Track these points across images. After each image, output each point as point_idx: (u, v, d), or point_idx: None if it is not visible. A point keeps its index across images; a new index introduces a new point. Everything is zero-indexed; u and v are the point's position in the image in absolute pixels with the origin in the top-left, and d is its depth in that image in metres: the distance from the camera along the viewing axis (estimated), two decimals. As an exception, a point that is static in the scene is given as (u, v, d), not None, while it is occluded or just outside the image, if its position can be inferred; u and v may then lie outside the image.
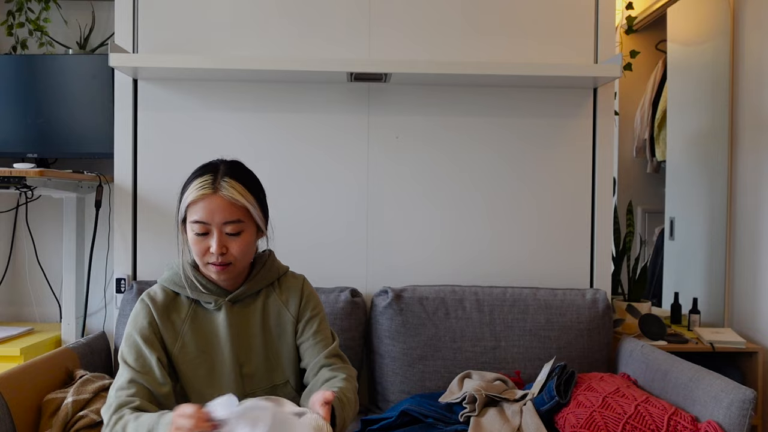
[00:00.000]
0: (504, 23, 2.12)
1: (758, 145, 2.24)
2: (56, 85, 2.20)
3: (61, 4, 2.37)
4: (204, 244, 1.28)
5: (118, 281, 2.08)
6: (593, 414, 1.55)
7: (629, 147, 3.13)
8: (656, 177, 3.04)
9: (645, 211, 3.10)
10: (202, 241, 1.28)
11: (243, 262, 1.32)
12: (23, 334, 2.15)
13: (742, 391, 1.47)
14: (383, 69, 1.93)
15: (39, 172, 1.87)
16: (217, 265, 1.28)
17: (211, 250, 1.27)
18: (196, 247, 1.29)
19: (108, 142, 2.12)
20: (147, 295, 1.35)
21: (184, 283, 1.34)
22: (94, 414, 1.55)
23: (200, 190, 1.26)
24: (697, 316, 2.34)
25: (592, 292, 2.03)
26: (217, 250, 1.26)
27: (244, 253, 1.30)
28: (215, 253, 1.26)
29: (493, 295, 2.00)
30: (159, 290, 1.37)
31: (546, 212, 2.14)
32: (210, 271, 1.31)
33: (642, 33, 2.98)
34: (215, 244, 1.26)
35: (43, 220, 2.39)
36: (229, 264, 1.29)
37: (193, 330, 1.34)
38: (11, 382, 1.51)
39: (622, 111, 3.06)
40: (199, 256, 1.29)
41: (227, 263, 1.29)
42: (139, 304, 1.35)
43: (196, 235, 1.28)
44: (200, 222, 1.27)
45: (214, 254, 1.27)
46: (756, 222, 2.24)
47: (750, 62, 2.31)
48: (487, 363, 1.94)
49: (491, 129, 2.14)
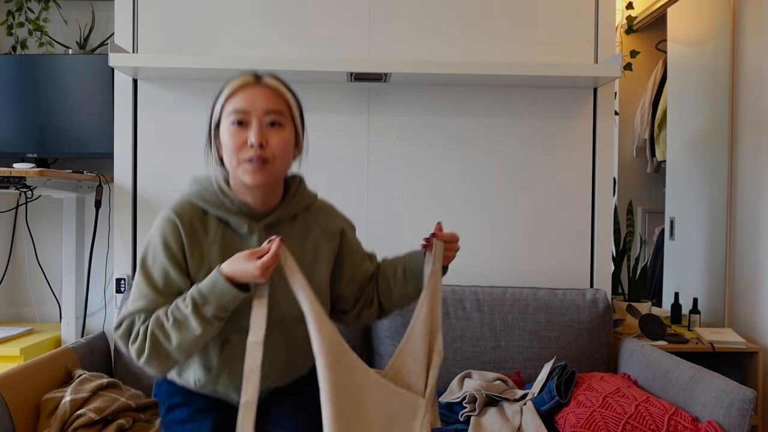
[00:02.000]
0: (504, 23, 2.12)
1: (758, 145, 2.24)
2: (56, 85, 2.20)
3: (61, 4, 2.37)
4: (242, 137, 1.15)
5: (118, 281, 2.07)
6: (593, 414, 1.55)
7: (629, 147, 3.12)
8: (656, 177, 3.04)
9: (645, 211, 3.10)
10: (239, 132, 1.15)
11: (281, 164, 1.19)
12: (23, 334, 2.15)
13: (743, 391, 1.47)
14: (383, 69, 1.93)
15: (39, 172, 1.87)
16: (254, 162, 1.14)
17: (250, 141, 1.14)
18: (233, 141, 1.15)
19: (108, 142, 2.12)
20: (174, 212, 1.19)
21: (215, 200, 1.20)
22: (93, 413, 1.55)
23: (241, 81, 1.17)
24: (697, 316, 2.34)
25: (592, 292, 2.03)
26: (257, 140, 1.14)
27: (284, 152, 1.18)
28: (254, 145, 1.14)
29: (493, 295, 2.00)
30: (187, 206, 1.21)
31: (546, 212, 2.14)
32: (245, 173, 1.15)
33: (642, 33, 2.98)
34: (255, 134, 1.14)
35: (43, 220, 2.39)
36: (267, 162, 1.15)
37: (222, 254, 1.19)
38: (11, 382, 1.51)
39: (622, 111, 3.06)
40: (235, 151, 1.15)
41: (265, 160, 1.15)
42: (166, 221, 1.19)
43: (233, 125, 1.16)
44: (240, 111, 1.15)
45: (253, 147, 1.14)
46: (756, 222, 2.24)
47: (750, 62, 2.31)
48: (487, 363, 1.93)
49: (491, 129, 2.13)
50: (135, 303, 1.17)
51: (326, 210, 1.35)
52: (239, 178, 1.18)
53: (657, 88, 2.98)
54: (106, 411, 1.58)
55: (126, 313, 1.17)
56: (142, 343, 1.12)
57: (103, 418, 1.57)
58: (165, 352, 1.12)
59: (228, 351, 1.22)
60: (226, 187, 1.21)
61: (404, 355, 1.21)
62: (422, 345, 1.20)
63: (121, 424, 1.58)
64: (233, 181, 1.22)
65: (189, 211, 1.20)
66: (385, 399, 1.16)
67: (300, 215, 1.29)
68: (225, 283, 1.11)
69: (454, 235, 1.27)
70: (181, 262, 1.18)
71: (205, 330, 1.11)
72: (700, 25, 2.68)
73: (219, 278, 1.11)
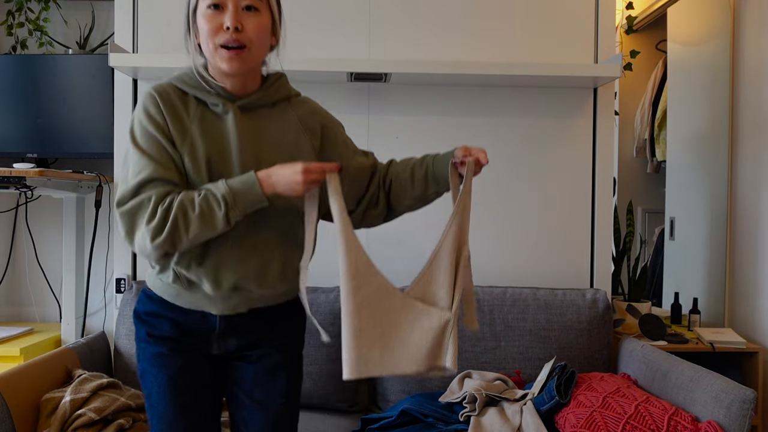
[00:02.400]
0: (504, 23, 2.12)
1: (758, 145, 2.24)
2: (56, 85, 2.20)
3: (61, 4, 2.37)
4: (217, 20, 1.16)
5: (118, 281, 2.07)
6: (593, 414, 1.55)
7: (629, 147, 3.12)
8: (656, 177, 3.04)
9: (645, 211, 3.10)
10: (215, 16, 1.16)
11: (257, 50, 1.20)
12: (23, 334, 2.15)
13: (743, 391, 1.47)
14: (383, 69, 1.93)
15: (39, 172, 1.87)
16: (230, 48, 1.16)
17: (226, 25, 1.15)
18: (208, 25, 1.16)
19: (108, 142, 2.12)
20: (153, 89, 1.21)
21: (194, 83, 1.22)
22: (93, 413, 1.55)
23: None
24: (697, 316, 2.34)
25: (592, 292, 2.03)
26: (233, 23, 1.15)
27: (260, 37, 1.19)
28: (230, 27, 1.15)
29: (493, 295, 2.00)
30: (167, 86, 1.23)
31: (546, 212, 2.14)
32: (222, 60, 1.17)
33: (642, 33, 2.98)
34: (230, 17, 1.15)
35: (43, 220, 2.39)
36: (243, 48, 1.17)
37: (202, 132, 1.20)
38: (11, 382, 1.51)
39: (622, 111, 3.06)
40: (211, 35, 1.17)
41: (241, 46, 1.17)
42: (147, 96, 1.20)
43: (209, 9, 1.17)
44: None
45: (229, 31, 1.15)
46: (756, 222, 2.24)
47: (750, 62, 2.31)
48: (487, 363, 1.93)
49: (491, 129, 2.13)
50: (138, 176, 1.14)
51: (309, 105, 1.35)
52: (217, 65, 1.19)
53: (657, 88, 2.97)
54: (106, 411, 1.58)
55: (131, 186, 1.14)
56: (161, 224, 1.11)
57: (103, 418, 1.57)
58: (180, 237, 1.12)
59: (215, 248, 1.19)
60: (204, 72, 1.23)
61: (430, 274, 1.24)
62: (450, 263, 1.24)
63: (121, 424, 1.58)
64: (212, 69, 1.23)
65: (169, 90, 1.22)
66: (414, 318, 1.20)
67: (279, 104, 1.30)
68: (259, 190, 1.13)
69: (482, 150, 1.27)
70: (167, 132, 1.18)
71: (223, 229, 1.13)
72: (700, 24, 2.68)
73: (255, 184, 1.13)
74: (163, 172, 1.14)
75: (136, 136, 1.18)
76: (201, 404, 1.25)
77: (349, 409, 1.98)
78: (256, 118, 1.24)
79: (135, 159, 1.16)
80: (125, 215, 1.13)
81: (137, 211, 1.12)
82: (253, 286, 1.21)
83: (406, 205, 1.37)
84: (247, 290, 1.21)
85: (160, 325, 1.24)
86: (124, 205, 1.13)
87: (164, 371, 1.23)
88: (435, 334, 1.19)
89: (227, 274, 1.18)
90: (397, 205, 1.37)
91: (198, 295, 1.22)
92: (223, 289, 1.19)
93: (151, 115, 1.18)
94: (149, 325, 1.25)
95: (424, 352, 1.18)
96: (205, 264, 1.18)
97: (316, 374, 1.90)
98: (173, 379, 1.22)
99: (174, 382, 1.22)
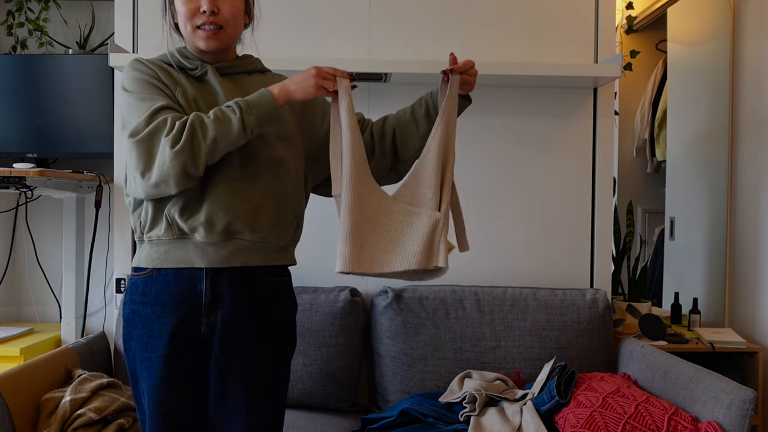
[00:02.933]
0: (504, 23, 2.12)
1: (758, 145, 2.24)
2: (56, 85, 2.20)
3: (61, 4, 2.37)
4: (194, 3, 1.22)
5: (118, 281, 2.08)
6: (593, 414, 1.55)
7: (629, 147, 3.12)
8: (656, 177, 3.04)
9: (645, 211, 3.10)
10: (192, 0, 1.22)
11: (233, 30, 1.27)
12: (23, 334, 2.15)
13: (743, 391, 1.47)
14: (383, 69, 1.93)
15: (39, 172, 1.87)
16: (207, 29, 1.23)
17: (203, 8, 1.21)
18: (185, 8, 1.23)
19: (108, 142, 2.12)
20: (135, 59, 1.27)
21: (174, 58, 1.28)
22: (93, 413, 1.55)
23: None
24: (697, 316, 2.34)
25: (592, 292, 2.03)
26: (209, 7, 1.21)
27: (235, 18, 1.25)
28: (207, 11, 1.21)
29: (493, 295, 2.00)
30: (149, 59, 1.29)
31: (546, 212, 2.14)
32: (199, 39, 1.24)
33: (642, 33, 2.98)
34: (207, 1, 1.21)
35: (43, 220, 2.39)
36: (221, 29, 1.24)
37: (189, 85, 1.26)
38: (11, 382, 1.51)
39: (622, 111, 3.06)
40: (188, 18, 1.23)
41: (218, 27, 1.23)
42: (132, 62, 1.25)
43: None
44: None
45: (205, 14, 1.21)
46: (756, 222, 2.24)
47: (750, 62, 2.31)
48: (487, 363, 1.93)
49: (491, 129, 2.13)
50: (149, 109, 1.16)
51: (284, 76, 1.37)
52: (194, 43, 1.27)
53: (657, 88, 2.98)
54: (106, 411, 1.58)
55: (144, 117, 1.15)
56: (179, 133, 1.13)
57: (103, 417, 1.57)
58: (198, 144, 1.13)
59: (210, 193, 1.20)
60: (183, 49, 1.30)
61: (417, 177, 1.28)
62: (436, 166, 1.27)
63: (121, 423, 1.59)
64: (189, 46, 1.30)
65: (152, 59, 1.28)
66: (404, 218, 1.24)
67: (255, 74, 1.36)
68: (270, 97, 1.19)
69: (469, 61, 1.32)
70: (161, 80, 1.23)
71: (238, 136, 1.16)
72: (700, 25, 2.68)
73: (266, 93, 1.20)
74: (171, 103, 1.20)
75: (132, 89, 1.21)
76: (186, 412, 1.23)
77: (349, 409, 1.98)
78: (235, 81, 1.31)
79: (139, 101, 1.19)
80: (141, 142, 1.14)
81: (154, 133, 1.14)
82: (245, 228, 1.21)
83: (414, 148, 1.37)
84: (240, 236, 1.21)
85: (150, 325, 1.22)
86: (140, 133, 1.15)
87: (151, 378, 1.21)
88: (425, 233, 1.23)
89: (220, 214, 1.19)
90: (405, 152, 1.38)
91: (188, 247, 1.21)
92: (216, 232, 1.19)
93: (142, 70, 1.23)
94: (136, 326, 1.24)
95: (415, 250, 1.21)
96: (199, 211, 1.19)
97: (316, 374, 1.91)
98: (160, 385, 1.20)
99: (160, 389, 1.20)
